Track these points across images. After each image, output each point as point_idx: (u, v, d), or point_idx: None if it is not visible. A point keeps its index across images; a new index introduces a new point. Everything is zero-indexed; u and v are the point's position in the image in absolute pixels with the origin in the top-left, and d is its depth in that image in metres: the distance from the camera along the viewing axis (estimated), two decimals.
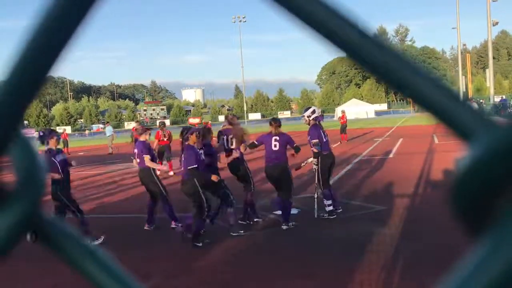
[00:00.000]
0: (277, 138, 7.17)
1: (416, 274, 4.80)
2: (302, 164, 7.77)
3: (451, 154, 13.98)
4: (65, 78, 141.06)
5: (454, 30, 54.87)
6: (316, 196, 7.63)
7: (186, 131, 6.66)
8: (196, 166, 6.39)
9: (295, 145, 7.18)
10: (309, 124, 7.72)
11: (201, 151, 6.67)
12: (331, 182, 7.98)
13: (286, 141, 7.20)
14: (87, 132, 61.06)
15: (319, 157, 7.56)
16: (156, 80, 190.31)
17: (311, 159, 7.67)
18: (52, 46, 0.33)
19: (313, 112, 7.77)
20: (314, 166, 7.62)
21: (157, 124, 17.13)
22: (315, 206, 7.54)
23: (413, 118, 47.91)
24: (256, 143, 7.48)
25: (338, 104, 79.87)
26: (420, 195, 8.83)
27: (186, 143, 6.55)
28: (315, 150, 7.52)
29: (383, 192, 9.35)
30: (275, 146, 7.15)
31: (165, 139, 14.73)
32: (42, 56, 0.34)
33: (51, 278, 5.48)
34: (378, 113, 70.67)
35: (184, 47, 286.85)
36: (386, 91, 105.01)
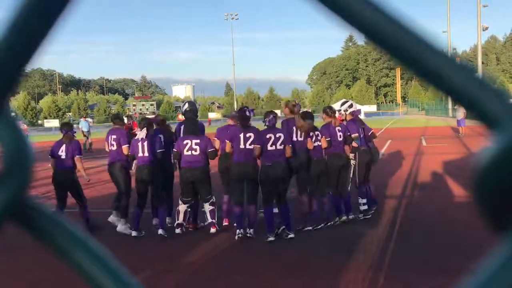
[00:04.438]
0: (339, 128, 7.12)
1: (402, 274, 4.82)
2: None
3: (439, 157, 14.09)
4: (54, 71, 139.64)
5: (445, 33, 55.32)
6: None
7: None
8: None
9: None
10: (345, 119, 7.53)
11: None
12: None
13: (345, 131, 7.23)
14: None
15: (357, 153, 7.36)
16: (147, 75, 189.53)
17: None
18: (31, 39, 0.32)
19: (351, 106, 7.62)
20: (352, 162, 7.39)
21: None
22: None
23: (402, 120, 48.19)
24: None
25: (328, 104, 80.00)
26: (407, 196, 8.88)
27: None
28: (355, 145, 7.30)
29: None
30: (340, 137, 7.04)
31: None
32: (20, 48, 0.32)
33: (27, 274, 5.41)
34: (367, 114, 70.87)
35: (176, 44, 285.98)
36: (375, 92, 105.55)
